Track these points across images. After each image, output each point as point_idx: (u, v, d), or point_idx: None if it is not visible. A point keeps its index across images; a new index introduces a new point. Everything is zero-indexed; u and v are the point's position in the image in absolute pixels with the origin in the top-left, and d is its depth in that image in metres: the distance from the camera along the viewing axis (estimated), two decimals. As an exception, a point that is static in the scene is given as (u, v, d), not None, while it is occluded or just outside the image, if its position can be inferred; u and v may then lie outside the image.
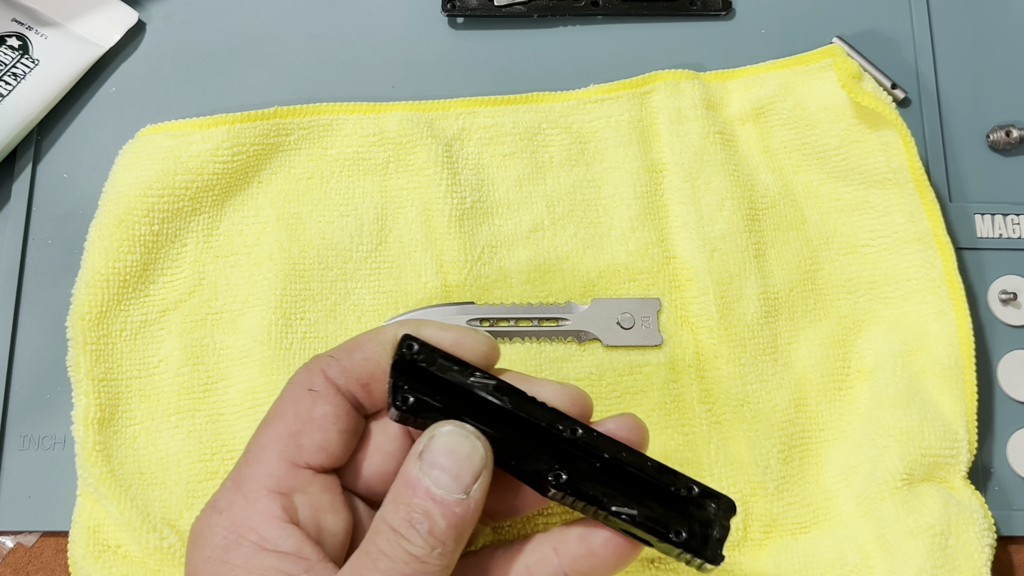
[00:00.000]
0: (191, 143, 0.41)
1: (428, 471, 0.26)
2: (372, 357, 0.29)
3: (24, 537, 0.39)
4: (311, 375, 0.29)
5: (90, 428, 0.37)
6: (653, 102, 0.44)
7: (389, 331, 0.30)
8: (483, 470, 0.27)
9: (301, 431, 0.28)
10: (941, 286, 0.40)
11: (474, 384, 0.28)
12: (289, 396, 0.29)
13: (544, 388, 0.30)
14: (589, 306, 0.41)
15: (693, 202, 0.42)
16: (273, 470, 0.28)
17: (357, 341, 0.30)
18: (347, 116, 0.43)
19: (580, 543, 0.29)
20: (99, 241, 0.39)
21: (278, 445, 0.28)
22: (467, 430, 0.27)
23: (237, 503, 0.28)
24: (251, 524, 0.27)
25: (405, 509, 0.26)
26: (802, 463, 0.39)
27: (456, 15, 0.46)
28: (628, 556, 0.29)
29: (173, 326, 0.40)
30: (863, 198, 0.42)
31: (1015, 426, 0.41)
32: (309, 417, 0.29)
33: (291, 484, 0.28)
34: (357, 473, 0.30)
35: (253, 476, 0.28)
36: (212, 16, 0.46)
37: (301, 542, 0.27)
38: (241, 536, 0.27)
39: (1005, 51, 0.47)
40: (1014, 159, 0.45)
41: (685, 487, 0.29)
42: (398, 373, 0.28)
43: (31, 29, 0.44)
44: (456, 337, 0.29)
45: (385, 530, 0.26)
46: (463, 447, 0.27)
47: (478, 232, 0.41)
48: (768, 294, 0.41)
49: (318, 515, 0.28)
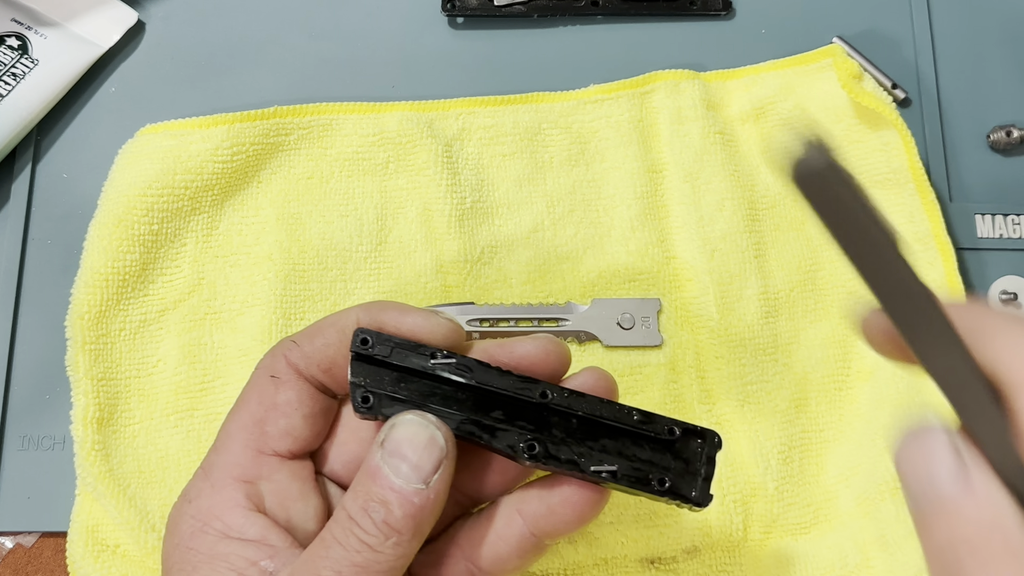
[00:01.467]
0: (191, 143, 0.41)
1: (388, 460, 0.26)
2: (332, 343, 0.29)
3: (23, 537, 0.39)
4: (274, 360, 0.29)
5: (89, 427, 0.37)
6: (653, 102, 0.44)
7: (350, 316, 0.29)
8: (443, 460, 0.26)
9: (265, 418, 0.28)
10: (941, 287, 0.40)
11: (435, 366, 0.28)
12: (253, 383, 0.29)
13: (518, 346, 0.29)
14: (589, 306, 0.40)
15: (693, 202, 0.42)
16: (239, 458, 0.28)
17: (319, 326, 0.29)
18: (347, 116, 0.43)
19: (539, 503, 0.29)
20: (98, 240, 0.39)
21: (243, 433, 0.28)
22: (428, 420, 0.27)
23: (204, 491, 0.28)
24: (216, 512, 0.27)
25: (363, 497, 0.26)
26: (802, 463, 0.39)
27: (456, 15, 0.46)
28: (590, 510, 0.28)
29: (172, 326, 0.40)
30: None
31: (1015, 426, 0.41)
32: (272, 403, 0.29)
33: (256, 472, 0.28)
34: (330, 458, 0.30)
35: (219, 464, 0.28)
36: (212, 16, 0.46)
37: (266, 529, 0.27)
38: (207, 524, 0.27)
39: (1005, 51, 0.47)
40: (1014, 159, 0.45)
41: (667, 429, 0.28)
42: (356, 368, 0.28)
43: (31, 29, 0.44)
44: (416, 321, 0.29)
45: (342, 517, 0.26)
46: (422, 436, 0.26)
47: (478, 232, 0.41)
48: (768, 294, 0.41)
49: (286, 502, 0.28)
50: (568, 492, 0.28)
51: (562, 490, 0.28)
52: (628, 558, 0.37)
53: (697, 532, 0.37)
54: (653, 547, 0.37)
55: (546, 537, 0.29)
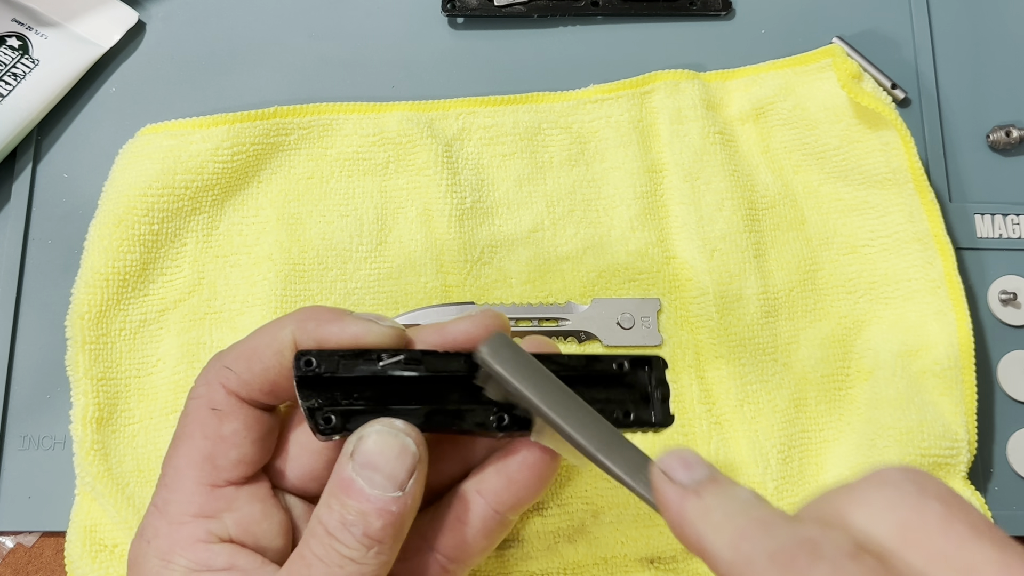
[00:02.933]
0: (191, 143, 0.41)
1: (361, 472, 0.26)
2: (272, 367, 0.28)
3: (24, 537, 0.39)
4: (211, 390, 0.28)
5: (88, 427, 0.37)
6: (653, 102, 0.44)
7: (285, 336, 0.28)
8: (417, 465, 0.26)
9: (214, 452, 0.28)
10: (941, 286, 0.40)
11: (385, 368, 0.28)
12: (192, 416, 0.28)
13: (455, 327, 0.29)
14: (589, 306, 0.41)
15: (693, 202, 0.42)
16: (194, 496, 0.28)
17: (253, 349, 0.28)
18: (347, 116, 0.43)
19: (497, 476, 0.29)
20: (99, 240, 0.39)
21: (193, 470, 0.28)
22: (395, 427, 0.27)
23: (162, 531, 0.27)
24: (178, 550, 0.27)
25: (339, 511, 0.26)
26: (802, 463, 0.39)
27: (456, 15, 0.46)
28: (547, 469, 0.29)
29: (172, 325, 0.40)
30: (863, 198, 0.42)
31: (1015, 426, 0.41)
32: (219, 437, 0.28)
33: (215, 507, 0.28)
34: (284, 473, 0.30)
35: (175, 502, 0.28)
36: (212, 16, 0.46)
37: (234, 556, 0.27)
38: (171, 561, 0.27)
39: (1005, 51, 0.47)
40: (1014, 159, 0.45)
41: (614, 365, 0.29)
42: (306, 392, 0.27)
43: (31, 29, 0.44)
44: (358, 330, 0.28)
45: (320, 532, 0.26)
46: (393, 445, 0.26)
47: (478, 232, 0.41)
48: (768, 294, 0.41)
49: (250, 527, 0.28)
50: (523, 456, 0.29)
51: (516, 457, 0.29)
52: (628, 558, 0.37)
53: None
54: (653, 547, 0.37)
55: (509, 511, 0.29)
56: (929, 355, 0.40)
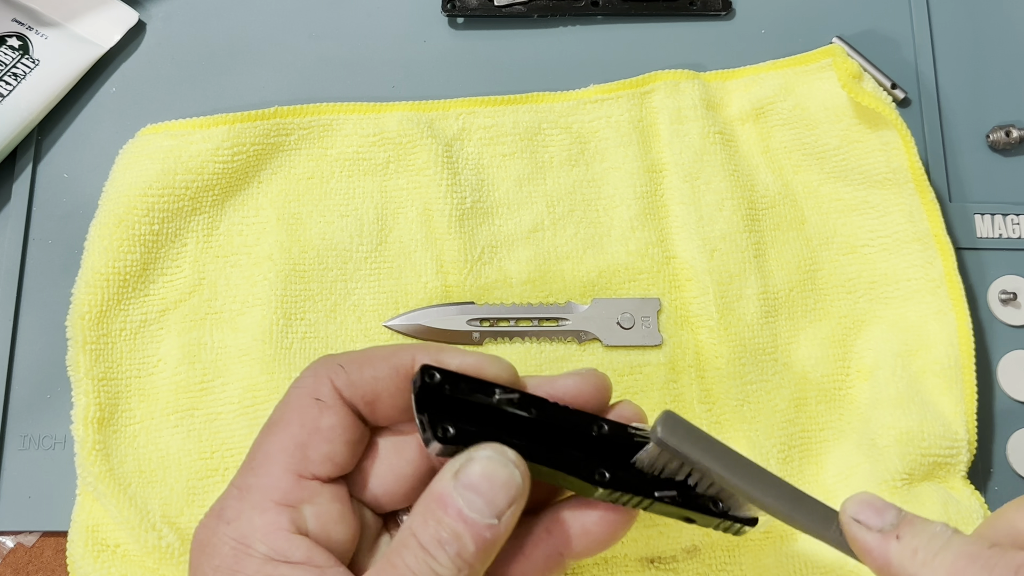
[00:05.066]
0: (191, 143, 0.41)
1: (462, 492, 0.26)
2: (383, 377, 0.29)
3: (24, 537, 0.39)
4: (318, 382, 0.29)
5: (89, 427, 0.37)
6: (653, 102, 0.44)
7: (405, 354, 0.29)
8: (518, 497, 0.26)
9: (308, 442, 0.28)
10: (941, 286, 0.40)
11: (500, 402, 0.28)
12: (295, 404, 0.29)
13: (566, 381, 0.30)
14: (589, 306, 0.41)
15: (693, 202, 0.42)
16: (280, 482, 0.28)
17: (369, 356, 0.29)
18: (347, 116, 0.43)
19: (574, 522, 0.29)
20: (99, 240, 0.39)
21: (284, 456, 0.28)
22: (507, 456, 0.27)
23: (244, 513, 0.27)
24: (259, 536, 0.27)
25: (435, 527, 0.26)
26: (802, 463, 0.39)
27: (456, 15, 0.46)
28: (622, 528, 0.29)
29: (173, 325, 0.40)
30: (863, 198, 0.42)
31: (1015, 426, 0.41)
32: (316, 428, 0.28)
33: (299, 496, 0.28)
34: (364, 484, 0.30)
35: (259, 487, 0.28)
36: (212, 16, 0.46)
37: (311, 551, 0.27)
38: (250, 547, 0.27)
39: (1005, 51, 0.47)
40: (1014, 159, 0.45)
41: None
42: (425, 404, 0.27)
43: (31, 29, 0.44)
44: (477, 362, 0.29)
45: (413, 545, 0.26)
46: (501, 474, 0.26)
47: (478, 232, 0.41)
48: (768, 294, 0.41)
49: (327, 525, 0.28)
50: (602, 512, 0.29)
51: (595, 511, 0.29)
52: (628, 557, 0.37)
53: (697, 532, 0.37)
54: (653, 547, 0.37)
55: (574, 557, 0.29)
56: (929, 354, 0.40)
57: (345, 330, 0.40)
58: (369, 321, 0.40)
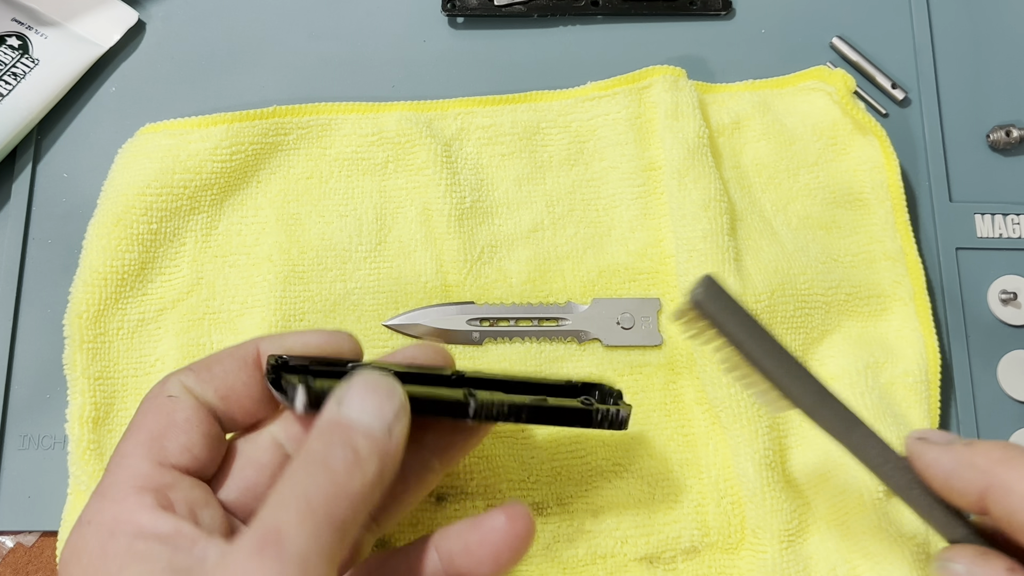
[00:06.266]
0: (190, 142, 0.41)
1: (349, 409, 0.26)
2: (231, 370, 0.29)
3: (24, 537, 0.39)
4: (167, 385, 0.29)
5: (84, 427, 0.37)
6: (651, 97, 0.44)
7: (249, 345, 0.30)
8: (402, 409, 0.26)
9: (164, 433, 0.27)
10: (909, 305, 0.40)
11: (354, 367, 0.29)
12: (147, 406, 0.28)
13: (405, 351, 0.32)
14: (589, 306, 0.40)
15: (679, 200, 0.41)
16: (139, 470, 0.27)
17: (215, 355, 0.29)
18: (346, 116, 0.43)
19: (457, 540, 0.28)
20: (97, 240, 0.39)
21: (141, 449, 0.27)
22: (385, 372, 0.27)
23: (104, 508, 0.26)
24: (124, 519, 0.25)
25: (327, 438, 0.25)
26: (784, 471, 0.38)
27: (456, 15, 0.46)
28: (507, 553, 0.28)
29: (171, 325, 0.40)
30: (831, 217, 0.42)
31: (1015, 426, 0.41)
32: (171, 421, 0.28)
33: (160, 481, 0.27)
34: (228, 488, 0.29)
35: (117, 483, 0.27)
36: (212, 16, 0.46)
37: (180, 524, 0.25)
38: (115, 530, 0.25)
39: (1005, 51, 0.47)
40: (1014, 159, 0.45)
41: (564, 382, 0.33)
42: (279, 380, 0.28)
43: (31, 29, 0.44)
44: (320, 338, 0.30)
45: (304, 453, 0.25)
46: (383, 384, 0.26)
47: (478, 232, 0.41)
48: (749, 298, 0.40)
49: (195, 508, 0.27)
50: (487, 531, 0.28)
51: (482, 528, 0.28)
52: (628, 558, 0.37)
53: (697, 532, 0.37)
54: (653, 547, 0.37)
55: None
56: (897, 367, 0.40)
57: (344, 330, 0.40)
58: (368, 321, 0.40)
